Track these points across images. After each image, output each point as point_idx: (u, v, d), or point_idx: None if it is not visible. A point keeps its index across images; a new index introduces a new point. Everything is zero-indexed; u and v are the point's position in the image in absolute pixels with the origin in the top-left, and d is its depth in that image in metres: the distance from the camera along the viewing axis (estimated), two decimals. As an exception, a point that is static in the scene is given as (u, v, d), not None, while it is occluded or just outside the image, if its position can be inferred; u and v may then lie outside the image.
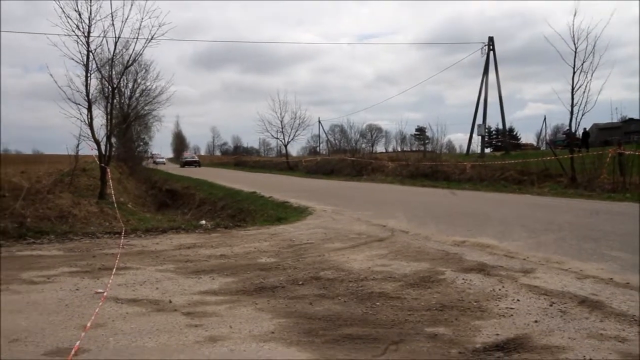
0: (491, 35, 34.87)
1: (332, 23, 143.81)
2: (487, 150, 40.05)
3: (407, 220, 10.52)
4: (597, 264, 6.04)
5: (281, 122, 46.94)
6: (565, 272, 5.67)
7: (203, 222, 10.34)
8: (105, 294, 4.93)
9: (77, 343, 3.56)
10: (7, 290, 5.14)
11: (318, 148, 67.37)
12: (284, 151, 52.68)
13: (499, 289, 4.96)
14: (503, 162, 22.28)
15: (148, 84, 29.10)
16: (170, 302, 4.75)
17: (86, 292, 5.09)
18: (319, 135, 68.10)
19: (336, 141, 66.78)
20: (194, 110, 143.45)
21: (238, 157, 69.30)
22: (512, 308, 4.34)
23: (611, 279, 5.31)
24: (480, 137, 35.10)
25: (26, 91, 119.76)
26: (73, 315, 4.33)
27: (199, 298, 4.90)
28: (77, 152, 13.59)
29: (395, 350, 3.56)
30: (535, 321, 3.97)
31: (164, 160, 73.83)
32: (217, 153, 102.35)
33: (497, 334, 3.71)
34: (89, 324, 3.99)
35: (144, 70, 28.91)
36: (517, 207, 12.67)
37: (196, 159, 64.73)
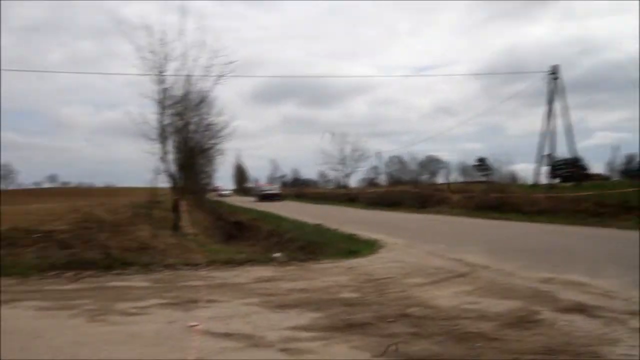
0: (555, 64, 33.71)
1: (387, 56, 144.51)
2: (555, 181, 38.52)
3: (485, 254, 10.15)
4: None
5: (342, 154, 47.31)
6: (678, 314, 5.25)
7: (278, 254, 10.39)
8: (199, 327, 4.99)
9: (185, 378, 3.59)
10: (105, 322, 5.29)
11: (377, 179, 67.07)
12: (341, 182, 52.86)
13: (609, 333, 4.64)
14: (577, 193, 21.32)
15: (212, 118, 30.10)
16: (264, 337, 4.73)
17: (180, 324, 5.17)
18: (377, 167, 67.93)
19: (395, 172, 66.43)
20: (254, 143, 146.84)
21: (298, 189, 69.59)
22: (631, 355, 4.03)
23: None
24: (548, 167, 33.85)
25: (96, 128, 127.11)
26: (173, 348, 4.39)
27: (291, 334, 4.86)
28: (155, 186, 14.11)
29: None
30: (662, 370, 3.67)
31: (229, 192, 74.17)
32: (277, 185, 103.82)
33: (622, 383, 3.44)
34: (191, 358, 4.02)
35: (207, 106, 30.01)
36: (602, 242, 12.00)
37: (276, 190, 53.22)
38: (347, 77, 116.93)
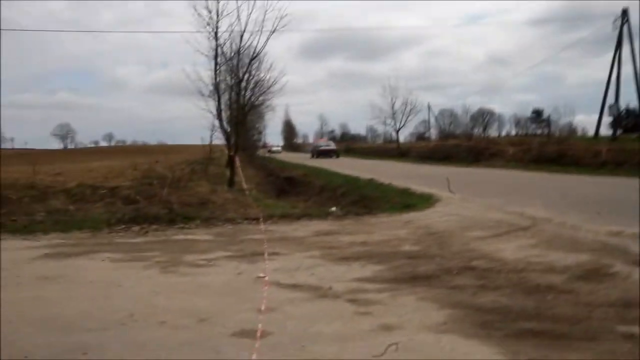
0: (625, 7, 31.51)
1: (439, 5, 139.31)
2: (619, 132, 36.68)
3: (545, 208, 9.86)
4: None
5: (392, 108, 46.62)
6: None
7: (333, 209, 10.48)
8: (266, 278, 5.12)
9: (260, 326, 3.71)
10: (176, 273, 5.53)
11: (427, 134, 65.88)
12: (391, 137, 52.25)
13: (690, 287, 4.45)
14: (643, 144, 20.25)
15: (262, 75, 30.03)
16: (330, 288, 4.81)
17: (248, 276, 5.33)
18: (428, 121, 66.53)
19: (446, 126, 65.02)
20: (303, 99, 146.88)
21: (348, 143, 69.12)
22: None
23: None
24: (612, 117, 32.19)
25: (149, 87, 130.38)
26: (244, 298, 4.54)
27: (357, 285, 4.93)
28: (211, 142, 14.35)
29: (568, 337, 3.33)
30: None
31: (280, 148, 72.61)
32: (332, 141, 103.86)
33: None
34: (263, 307, 4.15)
35: (258, 62, 29.88)
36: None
37: (332, 146, 48.61)
38: (398, 28, 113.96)
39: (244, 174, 21.98)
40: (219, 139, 17.13)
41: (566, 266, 5.37)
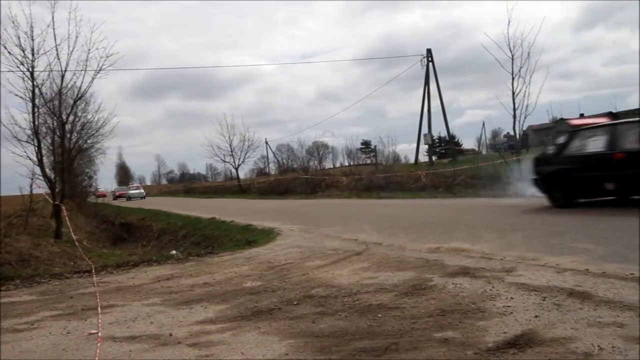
0: (429, 48, 36.13)
1: (269, 45, 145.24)
2: (433, 159, 41.28)
3: (377, 232, 10.73)
4: (569, 257, 6.39)
5: (230, 145, 46.76)
6: (544, 267, 5.97)
7: (174, 252, 10.15)
8: (99, 334, 4.78)
9: (93, 386, 3.45)
10: (-9, 342, 4.88)
11: (267, 169, 67.28)
12: (231, 175, 52.33)
13: (490, 290, 5.17)
14: (454, 168, 23.07)
15: (89, 116, 28.18)
16: (171, 335, 4.65)
17: (78, 334, 4.91)
18: (267, 156, 68.06)
19: (284, 160, 66.96)
20: (137, 140, 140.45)
21: (187, 184, 67.23)
22: (509, 306, 4.54)
23: (587, 269, 5.64)
24: (427, 146, 36.19)
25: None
26: (74, 359, 4.17)
27: (199, 328, 4.83)
28: (31, 192, 13.03)
29: (395, 350, 3.71)
30: (536, 316, 4.18)
31: (142, 191, 58.26)
32: (164, 182, 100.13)
33: (505, 332, 3.88)
34: (96, 366, 3.87)
35: (84, 102, 27.96)
36: (478, 211, 13.16)
37: None
38: (230, 66, 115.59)
39: (73, 224, 20.17)
40: (41, 188, 15.61)
41: (394, 284, 5.88)
